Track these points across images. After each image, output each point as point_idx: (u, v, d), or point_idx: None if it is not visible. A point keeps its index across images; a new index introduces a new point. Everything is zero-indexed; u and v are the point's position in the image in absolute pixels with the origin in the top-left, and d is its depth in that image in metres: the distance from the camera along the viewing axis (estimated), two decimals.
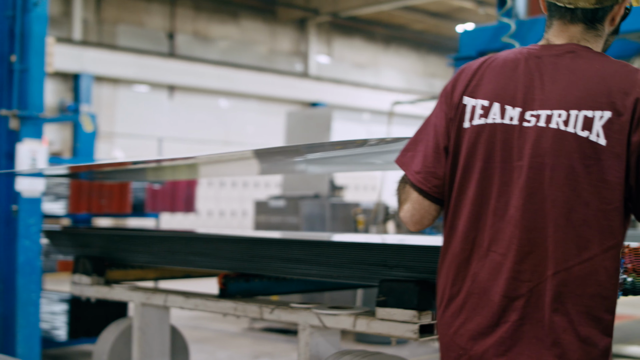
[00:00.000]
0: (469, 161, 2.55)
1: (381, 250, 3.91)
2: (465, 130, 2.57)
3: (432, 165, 2.63)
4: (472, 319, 2.53)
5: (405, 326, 3.58)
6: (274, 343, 10.20)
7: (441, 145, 2.62)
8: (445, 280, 2.64)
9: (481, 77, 2.60)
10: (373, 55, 27.39)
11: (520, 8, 11.66)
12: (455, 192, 2.59)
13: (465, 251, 2.57)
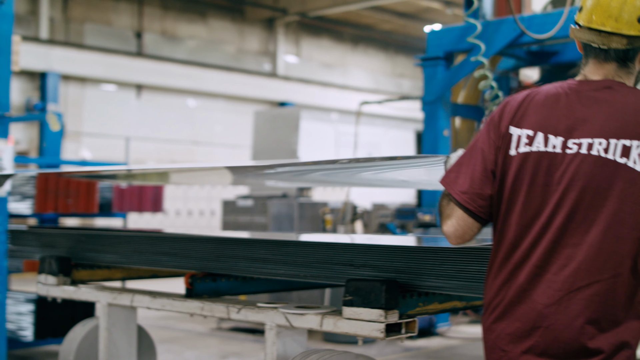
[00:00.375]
0: (515, 184, 2.83)
1: (348, 250, 3.92)
2: (512, 157, 2.84)
3: (478, 187, 2.88)
4: (513, 324, 2.78)
5: (371, 325, 3.60)
6: (242, 343, 10.19)
7: (489, 169, 2.89)
8: (491, 288, 2.88)
9: (526, 109, 2.87)
10: (341, 55, 27.42)
11: (487, 9, 11.74)
12: (503, 210, 2.86)
13: (510, 264, 2.82)
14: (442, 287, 3.64)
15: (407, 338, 9.62)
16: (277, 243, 4.28)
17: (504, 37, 10.46)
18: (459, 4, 21.48)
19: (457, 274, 3.57)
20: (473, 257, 3.52)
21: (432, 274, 3.65)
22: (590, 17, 2.85)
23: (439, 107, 11.13)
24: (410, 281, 3.71)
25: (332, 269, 3.96)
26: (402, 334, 3.68)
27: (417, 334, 3.53)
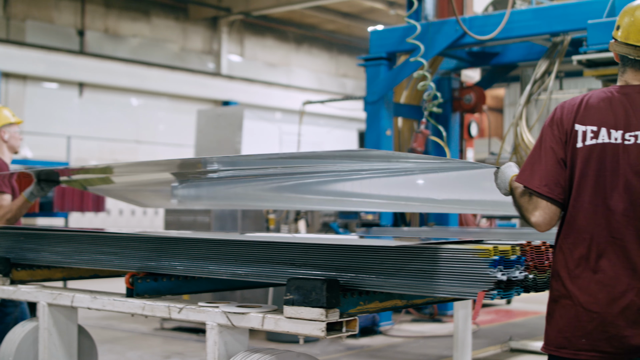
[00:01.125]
0: (584, 171, 3.39)
1: (289, 249, 3.94)
2: (578, 149, 3.41)
3: (554, 178, 3.42)
4: (602, 289, 3.32)
5: (312, 324, 3.61)
6: (185, 342, 10.16)
7: (560, 160, 3.44)
8: (568, 261, 3.43)
9: (585, 109, 3.44)
10: (285, 54, 27.42)
11: (429, 10, 11.84)
12: (574, 194, 3.42)
13: (586, 240, 3.37)
14: (383, 286, 3.67)
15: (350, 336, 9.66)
16: (218, 242, 4.28)
17: (445, 38, 10.56)
18: (402, 5, 21.60)
19: (397, 273, 3.60)
20: (413, 256, 3.56)
21: (372, 273, 3.68)
22: (627, 34, 3.49)
23: (382, 107, 11.20)
24: (351, 280, 3.73)
25: (273, 268, 3.97)
26: (343, 333, 3.69)
27: (358, 332, 3.57)
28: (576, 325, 3.33)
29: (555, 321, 3.42)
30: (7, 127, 6.73)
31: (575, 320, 3.34)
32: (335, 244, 3.82)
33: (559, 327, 3.39)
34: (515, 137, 9.35)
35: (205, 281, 4.87)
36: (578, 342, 3.32)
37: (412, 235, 7.30)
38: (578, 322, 3.33)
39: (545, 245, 3.75)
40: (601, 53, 8.74)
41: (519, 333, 10.87)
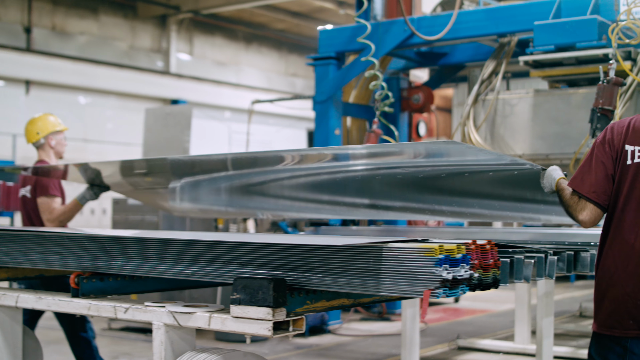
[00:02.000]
0: (632, 184, 3.98)
1: (236, 248, 3.93)
2: (628, 166, 4.00)
3: (602, 187, 4.03)
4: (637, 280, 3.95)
5: (259, 323, 3.61)
6: (133, 343, 10.10)
7: (609, 174, 4.04)
8: (615, 258, 4.04)
9: (633, 131, 4.01)
10: (234, 53, 27.33)
11: (378, 10, 11.89)
12: (622, 202, 4.01)
13: (630, 240, 3.98)
14: (329, 285, 3.68)
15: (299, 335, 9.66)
16: (165, 241, 4.26)
17: (394, 38, 10.61)
18: (351, 5, 21.63)
19: (344, 272, 3.62)
20: (358, 255, 3.57)
21: (319, 272, 3.69)
22: None
23: (330, 106, 11.22)
24: (298, 279, 3.74)
25: (220, 267, 3.97)
26: (290, 332, 3.70)
27: (306, 331, 3.57)
28: (625, 310, 3.97)
29: (605, 307, 4.06)
30: (54, 134, 7.20)
31: (624, 306, 3.98)
32: (282, 244, 3.82)
33: (609, 312, 4.04)
34: (463, 137, 9.42)
35: (153, 281, 4.84)
36: (626, 323, 3.98)
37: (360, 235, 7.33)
38: (625, 308, 3.97)
39: (491, 244, 3.79)
40: (547, 54, 8.84)
41: (466, 331, 10.97)
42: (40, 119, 7.30)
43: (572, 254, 4.98)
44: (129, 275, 4.65)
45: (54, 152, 7.23)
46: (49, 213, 6.90)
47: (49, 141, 7.19)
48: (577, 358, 9.09)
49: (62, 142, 7.29)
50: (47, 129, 7.20)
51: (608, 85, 7.46)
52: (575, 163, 8.74)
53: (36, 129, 7.24)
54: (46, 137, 7.20)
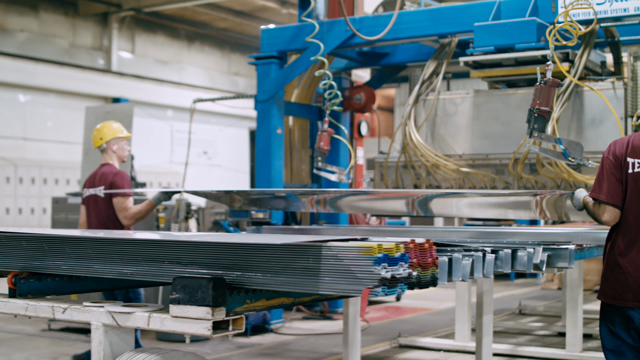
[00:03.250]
0: (633, 189, 4.97)
1: (175, 248, 3.92)
2: (630, 174, 4.99)
3: (615, 192, 5.01)
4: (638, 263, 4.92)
5: (199, 323, 3.61)
6: (73, 343, 10.01)
7: (619, 181, 5.00)
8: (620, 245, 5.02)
9: (632, 147, 5.00)
10: (177, 52, 27.18)
11: (320, 10, 11.91)
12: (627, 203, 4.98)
13: (632, 232, 4.98)
14: (269, 284, 3.69)
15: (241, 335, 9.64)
16: (103, 241, 4.23)
17: (336, 37, 10.64)
18: (294, 4, 21.65)
19: (283, 270, 3.63)
20: (298, 254, 3.59)
21: (258, 271, 3.70)
22: None
23: (273, 105, 11.22)
24: (238, 278, 3.74)
25: (159, 266, 3.95)
26: (230, 331, 3.70)
27: (249, 330, 3.59)
28: (626, 285, 4.93)
29: (610, 282, 5.01)
30: (116, 140, 8.02)
31: (625, 282, 4.93)
32: (221, 243, 3.82)
33: (614, 286, 4.99)
34: (404, 137, 9.48)
35: (92, 281, 4.81)
36: (626, 296, 4.91)
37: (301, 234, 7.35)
38: (626, 283, 4.92)
39: (429, 243, 3.83)
40: (487, 55, 8.93)
41: (408, 329, 11.04)
42: (104, 125, 8.05)
43: (509, 253, 5.05)
44: (68, 275, 4.61)
45: (116, 156, 8.06)
46: (125, 211, 7.75)
47: (110, 146, 8.00)
48: (517, 355, 9.21)
49: (124, 147, 8.09)
50: (109, 135, 8.00)
51: (545, 87, 7.56)
52: (514, 163, 8.85)
53: (100, 134, 8.03)
54: (108, 143, 8.00)
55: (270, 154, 11.23)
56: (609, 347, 5.03)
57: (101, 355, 3.91)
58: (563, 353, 9.02)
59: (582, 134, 8.70)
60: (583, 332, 9.33)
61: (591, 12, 8.45)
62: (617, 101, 8.56)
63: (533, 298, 14.90)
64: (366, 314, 12.20)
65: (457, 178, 9.24)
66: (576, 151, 7.58)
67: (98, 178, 7.92)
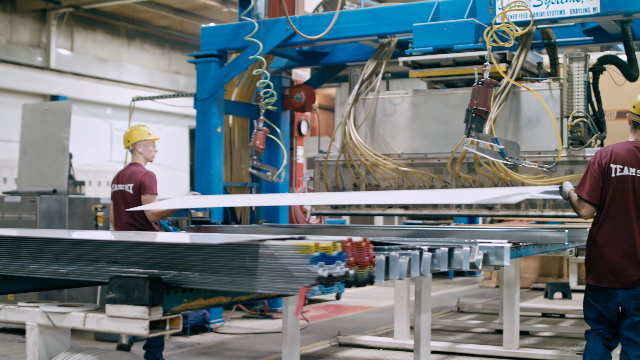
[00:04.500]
0: (615, 189, 6.11)
1: (111, 247, 3.90)
2: (612, 178, 6.12)
3: (595, 191, 6.16)
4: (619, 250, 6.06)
5: (135, 322, 3.59)
6: (10, 344, 9.88)
7: (600, 184, 6.16)
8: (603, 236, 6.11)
9: (616, 155, 6.14)
10: (116, 49, 26.94)
11: (261, 8, 11.90)
12: (609, 201, 6.12)
13: (612, 227, 6.10)
14: (206, 283, 3.68)
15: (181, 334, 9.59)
16: (38, 240, 4.19)
17: (276, 36, 10.64)
18: (234, 2, 21.59)
19: (221, 269, 3.63)
20: (236, 253, 3.59)
21: (196, 270, 3.69)
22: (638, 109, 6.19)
23: (212, 104, 11.19)
24: (175, 277, 3.73)
25: (95, 266, 3.93)
26: (167, 331, 3.69)
27: (186, 330, 3.59)
28: (608, 269, 6.07)
29: (595, 267, 6.14)
30: (142, 142, 8.61)
31: (607, 267, 6.08)
32: (158, 242, 3.82)
33: (597, 271, 6.13)
34: (344, 136, 9.52)
35: (28, 280, 4.76)
36: (609, 279, 6.08)
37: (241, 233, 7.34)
38: (609, 268, 6.07)
39: (366, 242, 3.86)
40: (426, 55, 9.01)
41: (347, 327, 11.09)
42: (133, 128, 8.69)
43: (446, 251, 5.11)
44: (2, 275, 4.56)
45: (142, 157, 8.66)
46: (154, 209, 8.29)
47: (137, 148, 8.60)
48: (455, 353, 9.30)
49: (150, 149, 8.69)
50: (136, 138, 8.59)
51: (483, 87, 7.65)
52: (452, 162, 8.93)
53: (128, 137, 8.67)
54: (135, 145, 8.59)
55: (210, 152, 11.19)
56: (591, 317, 6.29)
57: (36, 356, 3.88)
58: (500, 350, 9.13)
59: (519, 134, 8.81)
60: (520, 329, 9.45)
61: (528, 14, 8.56)
62: (553, 102, 8.68)
63: (471, 296, 15.05)
64: (306, 313, 12.22)
65: (396, 177, 9.30)
66: (513, 151, 7.68)
67: (127, 176, 8.52)
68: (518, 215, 9.08)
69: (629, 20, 9.11)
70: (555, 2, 8.83)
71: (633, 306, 6.03)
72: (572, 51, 8.85)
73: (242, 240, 3.59)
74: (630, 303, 6.04)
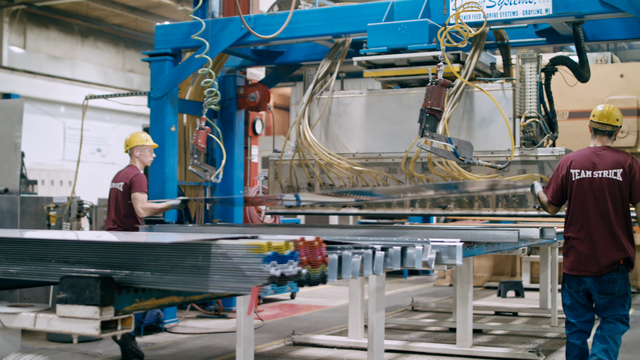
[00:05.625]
0: (577, 191, 6.82)
1: (62, 247, 3.87)
2: (573, 181, 6.85)
3: (557, 194, 6.99)
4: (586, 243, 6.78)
5: (87, 322, 3.57)
6: None
7: (561, 187, 6.95)
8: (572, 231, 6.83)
9: (575, 161, 6.89)
10: (70, 47, 26.71)
11: (215, 7, 11.87)
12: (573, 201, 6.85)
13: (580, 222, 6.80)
14: (158, 282, 3.67)
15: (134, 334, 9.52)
16: None
17: (230, 35, 10.61)
18: (190, 1, 21.50)
19: (173, 269, 3.62)
20: (188, 252, 3.58)
21: (148, 270, 3.68)
22: (600, 117, 6.91)
23: (166, 103, 11.14)
24: (127, 277, 3.71)
25: (46, 266, 3.89)
26: (119, 331, 3.67)
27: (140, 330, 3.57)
28: (578, 260, 6.79)
29: (569, 259, 6.85)
30: (139, 147, 9.27)
31: (578, 258, 6.79)
32: (110, 242, 3.79)
33: (571, 261, 6.83)
34: (298, 136, 9.53)
35: None
36: (579, 267, 6.78)
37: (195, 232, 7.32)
38: (579, 259, 6.78)
39: (319, 241, 3.87)
40: (380, 55, 9.04)
41: (302, 327, 11.09)
42: (133, 134, 9.39)
43: (399, 250, 5.13)
44: None
45: (139, 161, 9.32)
46: (142, 203, 9.04)
47: (134, 152, 9.28)
48: (409, 351, 9.34)
49: (146, 154, 9.35)
50: (133, 143, 9.27)
51: (436, 87, 7.70)
52: (406, 161, 8.97)
53: (127, 142, 9.36)
54: (132, 149, 9.28)
55: (164, 151, 11.14)
56: (567, 304, 6.96)
57: None
58: (453, 348, 9.19)
59: (472, 134, 8.87)
60: (473, 327, 9.51)
61: (481, 15, 8.63)
62: (506, 102, 8.76)
63: (425, 295, 15.13)
64: (261, 312, 12.21)
65: (351, 177, 9.32)
66: (466, 150, 7.74)
67: (121, 175, 9.25)
68: (471, 214, 9.14)
69: (580, 22, 9.22)
70: (508, 3, 8.91)
71: (597, 290, 6.77)
72: (524, 52, 8.94)
73: (194, 239, 3.58)
74: (594, 288, 6.77)
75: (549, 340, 10.09)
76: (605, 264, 6.71)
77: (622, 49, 27.98)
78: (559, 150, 8.55)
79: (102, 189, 15.08)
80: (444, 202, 9.01)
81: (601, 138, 6.93)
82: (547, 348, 9.57)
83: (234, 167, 12.46)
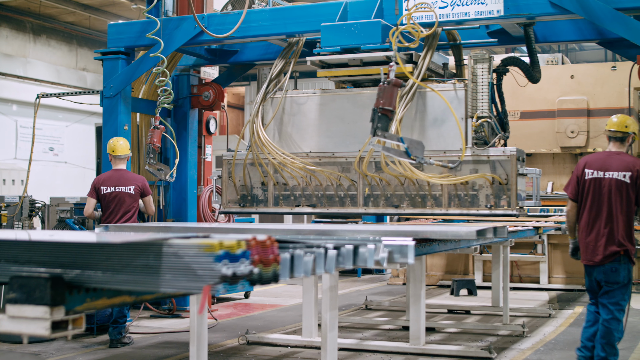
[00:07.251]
0: (589, 189, 7.92)
1: (12, 246, 3.85)
2: (586, 180, 7.93)
3: (575, 190, 8.03)
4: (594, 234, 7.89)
5: (37, 323, 3.54)
6: None
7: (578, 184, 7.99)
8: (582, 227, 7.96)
9: (590, 162, 7.97)
10: (22, 45, 26.43)
11: (169, 6, 11.84)
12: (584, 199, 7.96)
13: (590, 219, 7.89)
14: (109, 282, 3.66)
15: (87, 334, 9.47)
16: None
17: (184, 34, 10.60)
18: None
19: (124, 269, 3.61)
20: (139, 252, 3.58)
21: (99, 269, 3.67)
22: (610, 125, 7.96)
23: (119, 101, 11.09)
24: (78, 277, 3.70)
25: None
26: (69, 331, 3.66)
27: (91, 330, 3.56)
28: (585, 250, 7.87)
29: (582, 250, 7.90)
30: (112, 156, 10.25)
31: (585, 248, 7.87)
32: (60, 241, 3.78)
33: (584, 252, 7.88)
34: (252, 135, 9.54)
35: None
36: (586, 256, 7.85)
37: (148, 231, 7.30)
38: (586, 249, 7.86)
39: (271, 240, 3.88)
40: (334, 55, 9.08)
41: (256, 326, 11.11)
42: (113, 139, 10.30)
43: (351, 249, 5.16)
44: None
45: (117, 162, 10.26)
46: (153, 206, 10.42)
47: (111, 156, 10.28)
48: (362, 349, 9.39)
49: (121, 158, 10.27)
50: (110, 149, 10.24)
51: (388, 87, 7.75)
52: (359, 161, 9.02)
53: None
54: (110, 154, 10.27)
55: None
56: (586, 287, 8.10)
57: None
58: (406, 346, 9.26)
59: (425, 134, 8.95)
60: (426, 325, 9.59)
61: (433, 16, 8.71)
62: (458, 102, 8.84)
63: (379, 293, 15.21)
64: (215, 312, 12.20)
65: (304, 176, 9.36)
66: (418, 150, 7.81)
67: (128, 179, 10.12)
68: (424, 213, 9.21)
69: (531, 23, 9.34)
70: (460, 4, 9.00)
71: (603, 278, 7.79)
72: (476, 53, 9.03)
73: (145, 239, 3.58)
74: (600, 276, 7.82)
75: (501, 338, 10.20)
76: (605, 255, 7.77)
77: (573, 50, 28.32)
78: (510, 150, 8.65)
79: (54, 188, 14.97)
80: (397, 201, 9.07)
81: (615, 143, 8.00)
82: (499, 345, 9.68)
83: (187, 166, 12.43)
